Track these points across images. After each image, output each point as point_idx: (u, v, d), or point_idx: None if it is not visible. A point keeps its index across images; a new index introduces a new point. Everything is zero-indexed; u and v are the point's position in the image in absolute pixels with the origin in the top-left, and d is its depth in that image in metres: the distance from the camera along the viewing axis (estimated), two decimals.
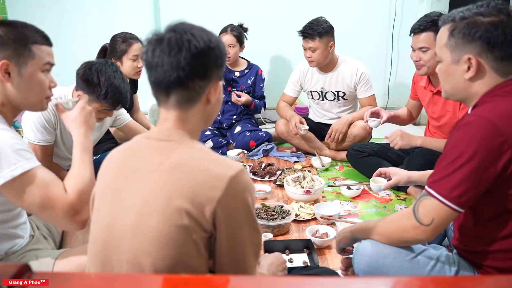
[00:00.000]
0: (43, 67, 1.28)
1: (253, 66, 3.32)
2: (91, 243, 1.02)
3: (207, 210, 0.90)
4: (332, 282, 0.78)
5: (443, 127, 2.31)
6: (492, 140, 1.08)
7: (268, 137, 3.20)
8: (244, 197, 0.93)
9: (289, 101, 3.15)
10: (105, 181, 1.02)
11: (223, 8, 3.77)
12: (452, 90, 1.25)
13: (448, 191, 1.12)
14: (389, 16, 3.81)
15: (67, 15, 3.86)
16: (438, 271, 1.25)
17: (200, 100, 0.98)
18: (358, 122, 2.97)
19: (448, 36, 1.19)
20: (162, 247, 0.91)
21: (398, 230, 1.24)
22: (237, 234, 0.94)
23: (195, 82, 0.95)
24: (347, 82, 2.93)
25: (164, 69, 0.93)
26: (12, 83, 1.23)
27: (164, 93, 0.96)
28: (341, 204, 2.35)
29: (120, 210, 0.96)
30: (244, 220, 0.94)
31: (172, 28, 0.95)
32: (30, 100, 1.28)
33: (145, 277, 0.86)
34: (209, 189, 0.90)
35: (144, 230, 0.92)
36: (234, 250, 0.95)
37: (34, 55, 1.24)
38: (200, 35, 0.94)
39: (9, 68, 1.22)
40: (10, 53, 1.21)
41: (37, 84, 1.27)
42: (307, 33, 2.78)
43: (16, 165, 1.14)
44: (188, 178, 0.91)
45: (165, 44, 0.93)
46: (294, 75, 3.09)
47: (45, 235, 1.50)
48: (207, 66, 0.96)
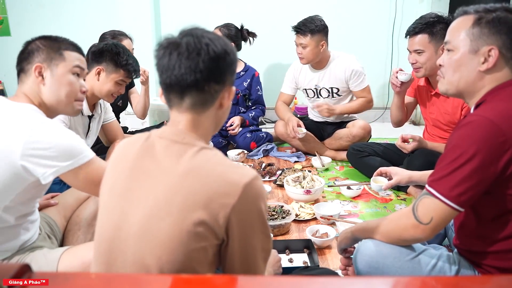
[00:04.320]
0: (73, 69, 1.40)
1: (249, 68, 3.25)
2: (96, 242, 1.01)
3: (221, 216, 0.90)
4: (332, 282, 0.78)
5: (441, 128, 2.31)
6: (493, 140, 1.08)
7: (269, 138, 3.19)
8: (258, 203, 0.93)
9: (286, 100, 3.14)
10: (115, 179, 1.00)
11: (222, 8, 3.77)
12: (459, 81, 1.22)
13: (448, 190, 1.12)
14: (389, 16, 3.81)
15: (67, 15, 3.86)
16: (439, 271, 1.25)
17: (214, 104, 0.99)
18: (357, 121, 2.97)
19: (472, 24, 1.19)
20: (171, 251, 0.90)
21: (398, 229, 1.24)
22: (249, 240, 0.94)
23: (211, 85, 0.96)
24: (339, 78, 2.92)
25: (182, 71, 0.93)
26: (45, 84, 1.36)
27: (178, 95, 0.97)
28: (341, 204, 2.35)
29: (129, 211, 0.95)
30: (257, 226, 0.95)
31: (188, 33, 0.96)
32: (62, 100, 1.39)
33: (145, 277, 0.85)
34: (224, 196, 0.90)
35: (153, 233, 0.91)
36: (246, 255, 0.95)
37: (64, 58, 1.38)
38: (217, 40, 0.96)
39: (43, 70, 1.35)
40: (44, 57, 1.36)
41: (67, 84, 1.39)
42: (299, 29, 2.79)
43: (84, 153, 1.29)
44: (202, 183, 0.91)
45: (183, 48, 0.93)
46: (289, 73, 3.09)
47: (48, 234, 1.51)
48: (223, 70, 0.97)
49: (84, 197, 1.69)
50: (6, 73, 3.97)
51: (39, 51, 1.35)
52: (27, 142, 1.20)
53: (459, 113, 2.18)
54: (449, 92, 1.27)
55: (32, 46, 1.37)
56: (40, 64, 1.34)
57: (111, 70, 2.02)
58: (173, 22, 3.88)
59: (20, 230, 1.34)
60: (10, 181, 1.23)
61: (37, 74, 1.34)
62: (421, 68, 2.19)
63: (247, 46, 3.25)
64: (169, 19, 3.87)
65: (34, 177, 1.24)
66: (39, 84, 1.35)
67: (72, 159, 1.26)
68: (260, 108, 3.32)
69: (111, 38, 2.62)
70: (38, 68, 1.34)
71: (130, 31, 2.79)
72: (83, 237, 1.58)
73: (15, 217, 1.30)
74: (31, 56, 1.35)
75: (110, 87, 2.03)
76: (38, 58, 1.35)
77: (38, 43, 1.37)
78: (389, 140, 3.06)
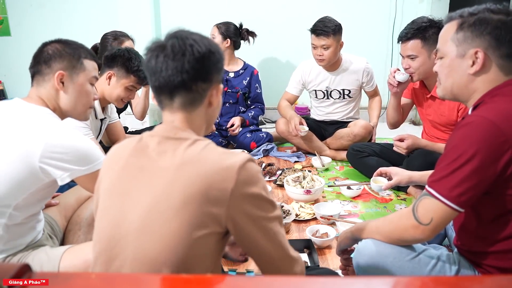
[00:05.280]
0: (91, 79, 1.44)
1: (249, 66, 3.26)
2: (95, 242, 1.02)
3: (222, 202, 0.92)
4: (332, 282, 0.78)
5: (438, 129, 2.31)
6: (493, 140, 1.08)
7: (268, 138, 3.19)
8: (255, 182, 0.96)
9: (290, 99, 3.13)
10: (111, 180, 1.01)
11: (223, 8, 3.77)
12: (452, 86, 1.24)
13: (448, 190, 1.12)
14: (389, 16, 3.81)
15: (67, 15, 3.86)
16: (439, 271, 1.25)
17: (203, 103, 1.02)
18: (358, 121, 2.97)
19: (456, 30, 1.20)
20: (173, 244, 0.91)
21: (398, 230, 1.24)
22: (259, 219, 0.97)
23: (198, 84, 0.99)
24: (354, 79, 2.94)
25: (169, 73, 0.97)
26: (65, 91, 1.38)
27: (168, 96, 1.00)
28: (341, 204, 2.35)
29: (128, 209, 0.96)
30: (260, 203, 0.97)
31: (173, 35, 1.00)
32: (78, 108, 1.43)
33: (145, 277, 0.85)
34: (221, 182, 0.92)
35: (154, 228, 0.92)
36: (264, 231, 0.98)
37: (85, 68, 1.41)
38: (201, 40, 0.99)
39: (64, 78, 1.37)
40: (66, 64, 1.37)
41: (85, 94, 1.43)
42: (321, 30, 2.73)
43: (100, 160, 1.33)
44: (199, 173, 0.93)
45: (169, 50, 0.97)
46: (296, 75, 3.06)
47: (49, 233, 1.53)
48: (208, 69, 1.00)
49: (85, 197, 1.69)
50: (6, 73, 3.96)
51: (61, 58, 1.37)
52: (48, 144, 1.24)
53: (455, 115, 2.18)
54: (446, 97, 1.29)
55: (53, 50, 1.37)
56: (62, 72, 1.36)
57: (122, 76, 2.05)
58: (173, 22, 3.88)
59: (27, 228, 1.36)
60: (25, 180, 1.26)
61: (59, 81, 1.36)
62: (414, 74, 2.19)
63: (247, 46, 3.25)
64: (170, 19, 3.87)
65: (50, 178, 1.29)
66: (58, 91, 1.37)
67: (89, 164, 1.31)
68: (259, 107, 3.32)
69: (112, 39, 2.60)
70: (60, 76, 1.36)
71: (130, 31, 2.79)
72: (83, 237, 1.59)
73: (24, 216, 1.32)
74: (52, 60, 1.36)
75: (120, 92, 2.05)
76: (60, 65, 1.36)
77: (59, 47, 1.38)
78: (389, 140, 3.06)
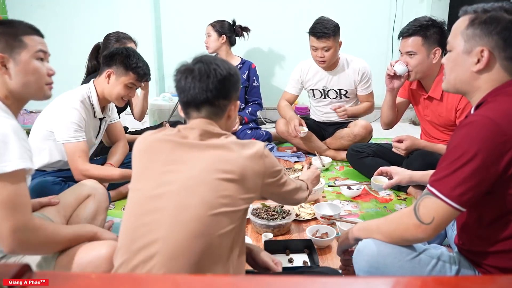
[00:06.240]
0: (36, 54, 1.33)
1: (246, 61, 3.33)
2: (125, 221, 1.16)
3: (257, 183, 1.18)
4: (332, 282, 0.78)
5: (437, 129, 2.31)
6: (495, 139, 1.08)
7: (268, 136, 3.20)
8: (274, 163, 1.23)
9: (290, 99, 3.13)
10: (152, 170, 1.17)
11: (222, 9, 3.76)
12: (455, 80, 1.24)
13: (449, 190, 1.12)
14: (389, 16, 3.81)
15: (67, 15, 3.86)
16: (439, 271, 1.25)
17: (223, 116, 1.25)
18: (359, 121, 2.97)
19: (466, 25, 1.19)
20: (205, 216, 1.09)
21: (399, 229, 1.23)
22: (281, 191, 1.32)
23: (220, 101, 1.22)
24: (350, 80, 2.93)
25: (196, 91, 1.19)
26: (10, 75, 1.29)
27: (195, 110, 1.22)
28: (341, 204, 2.35)
29: (159, 193, 1.12)
30: (280, 178, 1.28)
31: (199, 59, 1.22)
32: (30, 87, 1.33)
33: (145, 277, 0.86)
34: (254, 168, 1.16)
35: (188, 201, 1.09)
36: (282, 185, 1.31)
37: (26, 45, 1.30)
38: (222, 65, 1.21)
39: (5, 60, 1.28)
40: (3, 46, 1.28)
41: (33, 71, 1.32)
42: (322, 32, 2.70)
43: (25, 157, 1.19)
44: (228, 154, 1.14)
45: (196, 73, 1.19)
46: (295, 74, 3.06)
47: None
48: (228, 89, 1.22)
49: (84, 197, 1.69)
50: None
51: None
52: None
53: (453, 115, 2.17)
54: (449, 90, 1.29)
55: None
56: (1, 54, 1.27)
57: (120, 73, 2.03)
58: (173, 23, 3.88)
59: None
60: None
61: (1, 65, 1.28)
62: (411, 72, 2.18)
63: (247, 46, 3.26)
64: (169, 19, 3.87)
65: None
66: (3, 76, 1.29)
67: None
68: (256, 102, 3.35)
69: (115, 40, 2.59)
70: (0, 59, 1.27)
71: (130, 32, 2.79)
72: None
73: None
74: None
75: (119, 90, 2.04)
76: None
77: None
78: (389, 141, 3.06)
